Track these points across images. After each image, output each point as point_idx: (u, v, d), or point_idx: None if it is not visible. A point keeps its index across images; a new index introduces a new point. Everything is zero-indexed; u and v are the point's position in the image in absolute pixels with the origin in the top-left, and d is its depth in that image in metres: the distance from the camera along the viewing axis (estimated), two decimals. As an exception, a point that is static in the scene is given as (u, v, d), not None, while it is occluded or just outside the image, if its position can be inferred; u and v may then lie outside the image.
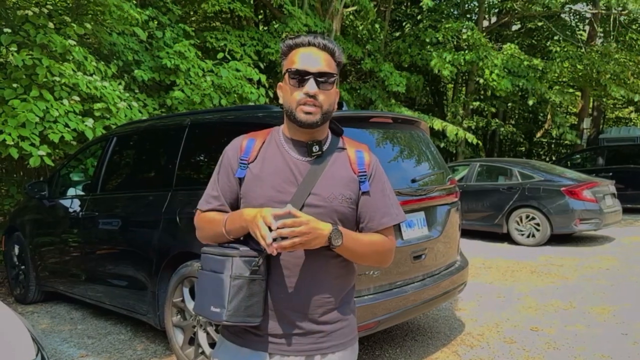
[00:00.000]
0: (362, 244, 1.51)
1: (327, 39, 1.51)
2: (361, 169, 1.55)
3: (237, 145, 1.60)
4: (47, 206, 5.06)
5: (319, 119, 1.47)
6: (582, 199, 8.17)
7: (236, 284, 1.40)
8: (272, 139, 1.58)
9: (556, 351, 3.91)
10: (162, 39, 7.95)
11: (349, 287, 1.60)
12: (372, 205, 1.55)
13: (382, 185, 1.59)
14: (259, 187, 1.50)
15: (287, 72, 1.48)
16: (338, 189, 1.50)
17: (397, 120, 3.88)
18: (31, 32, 5.55)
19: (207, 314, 1.44)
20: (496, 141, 21.52)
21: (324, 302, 1.50)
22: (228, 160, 1.59)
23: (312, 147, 1.51)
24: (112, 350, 3.97)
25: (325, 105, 1.47)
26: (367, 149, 1.62)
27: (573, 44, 15.68)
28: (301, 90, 1.45)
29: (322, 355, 1.51)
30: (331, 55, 1.51)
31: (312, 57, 1.47)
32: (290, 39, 1.52)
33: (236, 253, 1.43)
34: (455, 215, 4.05)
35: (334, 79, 1.49)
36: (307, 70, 1.45)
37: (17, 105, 5.08)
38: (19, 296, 5.34)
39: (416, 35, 14.43)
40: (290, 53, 1.51)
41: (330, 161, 1.53)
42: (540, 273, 6.49)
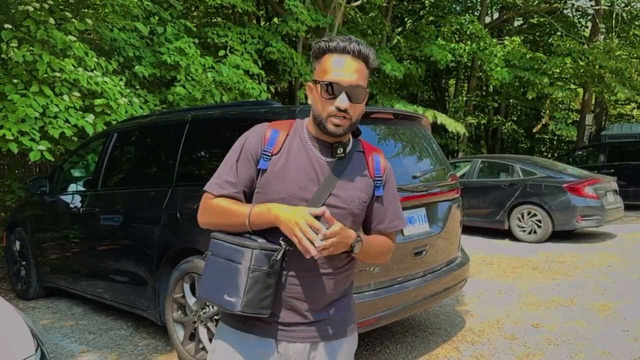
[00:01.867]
0: (373, 247, 1.57)
1: (362, 45, 1.46)
2: (377, 173, 1.59)
3: (260, 135, 1.56)
4: (48, 202, 5.06)
5: (346, 130, 1.49)
6: (583, 195, 8.16)
7: (254, 276, 1.41)
8: (296, 132, 1.57)
9: (557, 347, 3.90)
10: (164, 34, 7.93)
11: (349, 281, 1.66)
12: (384, 210, 1.61)
13: (394, 191, 1.65)
14: (282, 182, 1.49)
15: (319, 83, 1.46)
16: (356, 192, 1.54)
17: (399, 116, 3.86)
18: (32, 28, 5.53)
19: (219, 302, 1.45)
20: (498, 138, 21.48)
21: (330, 295, 1.55)
22: (250, 147, 1.54)
23: (337, 149, 1.52)
24: (113, 346, 3.97)
25: (355, 117, 1.48)
26: (383, 154, 1.65)
27: (575, 40, 15.62)
28: (332, 103, 1.44)
29: (325, 342, 1.56)
30: (365, 61, 1.47)
31: (345, 68, 1.44)
32: (323, 42, 1.48)
33: (256, 245, 1.43)
34: (457, 212, 4.04)
35: (366, 92, 1.48)
36: (340, 83, 1.43)
37: (16, 101, 5.08)
38: (20, 292, 5.34)
39: (417, 31, 14.40)
40: (323, 58, 1.48)
41: (350, 163, 1.56)
42: (542, 270, 6.48)
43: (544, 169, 8.75)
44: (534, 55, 14.10)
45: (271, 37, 10.54)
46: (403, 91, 15.78)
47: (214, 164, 3.77)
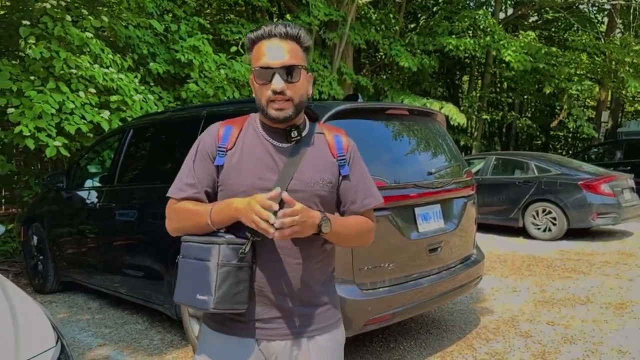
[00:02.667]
0: (348, 227, 1.53)
1: (289, 26, 1.45)
2: (340, 153, 1.55)
3: (214, 132, 1.56)
4: (65, 197, 5.12)
5: (291, 112, 1.45)
6: (599, 193, 8.06)
7: (223, 271, 1.38)
8: (249, 126, 1.56)
9: (573, 346, 3.87)
10: (178, 32, 7.97)
11: (329, 270, 1.61)
12: (354, 188, 1.56)
13: (361, 168, 1.60)
14: (240, 175, 1.48)
15: (253, 70, 1.46)
16: (319, 174, 1.50)
17: (414, 112, 3.85)
18: (49, 25, 5.60)
19: (192, 303, 1.43)
20: (512, 134, 21.30)
21: (307, 286, 1.51)
22: (205, 147, 1.54)
23: (291, 132, 1.50)
24: (129, 340, 4.01)
25: (297, 98, 1.45)
26: (345, 133, 1.62)
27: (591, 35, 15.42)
28: (268, 87, 1.43)
29: (308, 338, 1.52)
30: (296, 41, 1.46)
31: (274, 50, 1.43)
32: (251, 32, 1.48)
33: (223, 240, 1.41)
34: (472, 209, 4.02)
35: (300, 69, 1.45)
36: (270, 66, 1.41)
37: (33, 97, 5.14)
38: (37, 286, 5.42)
39: (430, 27, 14.30)
40: (254, 48, 1.47)
41: (309, 146, 1.53)
42: (557, 267, 6.42)
43: (559, 166, 8.66)
44: (549, 49, 13.91)
45: None
46: (415, 88, 15.69)
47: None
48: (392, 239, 3.24)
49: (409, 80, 15.67)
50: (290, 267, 1.49)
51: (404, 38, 13.86)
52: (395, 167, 3.48)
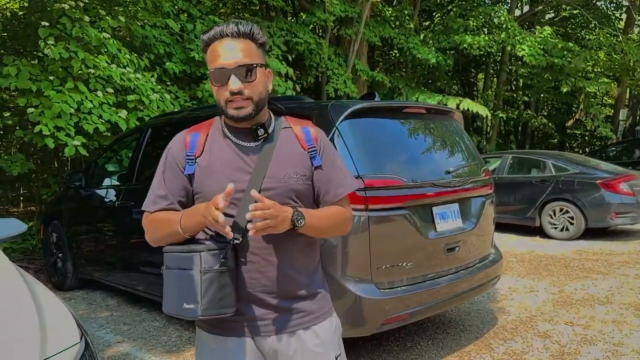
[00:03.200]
0: (323, 219, 1.53)
1: (240, 24, 1.44)
2: (310, 144, 1.55)
3: (180, 141, 1.56)
4: (84, 196, 5.18)
5: (251, 110, 1.45)
6: (618, 192, 7.95)
7: (207, 277, 1.38)
8: (215, 130, 1.56)
9: (592, 347, 3.83)
10: (193, 31, 8.02)
11: (314, 262, 1.62)
12: (326, 178, 1.56)
13: (332, 157, 1.59)
14: (212, 180, 1.48)
15: (209, 73, 1.45)
16: (292, 168, 1.50)
17: (430, 111, 3.83)
18: (67, 26, 5.66)
19: (180, 312, 1.43)
20: (528, 133, 21.09)
21: (294, 280, 1.52)
22: (173, 158, 1.55)
23: (257, 130, 1.50)
24: (147, 337, 4.05)
25: (255, 96, 1.45)
26: (312, 124, 1.61)
27: (609, 33, 15.21)
28: (226, 89, 1.42)
29: (304, 329, 1.53)
30: (250, 38, 1.45)
31: (228, 50, 1.42)
32: (204, 33, 1.47)
33: (203, 247, 1.41)
34: (490, 208, 3.99)
35: (255, 68, 1.44)
36: (225, 66, 1.41)
37: (52, 97, 5.21)
38: (56, 283, 5.49)
39: (445, 24, 14.21)
40: (208, 50, 1.46)
41: (278, 142, 1.53)
42: (575, 267, 6.35)
43: (577, 165, 8.55)
44: (566, 45, 13.73)
45: (298, 28, 10.56)
46: (430, 85, 15.61)
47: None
48: (410, 238, 3.22)
49: (424, 78, 15.58)
50: (273, 265, 1.49)
51: (418, 35, 13.79)
52: (412, 166, 3.46)
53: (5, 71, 5.23)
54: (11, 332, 1.67)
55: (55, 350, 1.64)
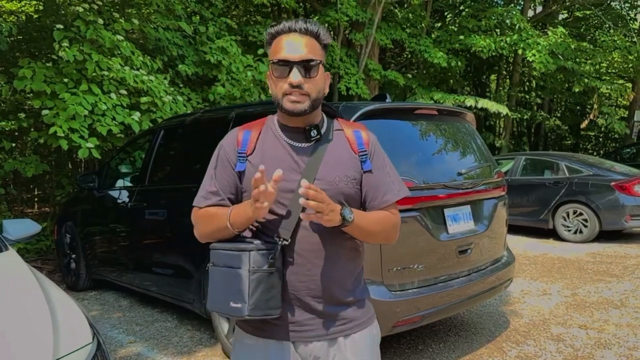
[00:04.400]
0: (371, 222, 1.50)
1: (309, 22, 1.45)
2: (361, 148, 1.54)
3: (233, 139, 1.56)
4: (97, 197, 5.22)
5: (307, 106, 1.44)
6: (633, 194, 7.86)
7: (255, 277, 1.38)
8: (267, 128, 1.55)
9: (607, 351, 3.78)
10: (205, 33, 8.07)
11: (359, 268, 1.61)
12: (375, 183, 1.54)
13: (382, 162, 1.58)
14: None
15: (271, 63, 1.45)
16: (342, 171, 1.49)
17: (443, 112, 3.81)
18: (82, 28, 5.73)
19: (226, 311, 1.42)
20: (541, 134, 20.92)
21: (339, 286, 1.51)
22: (225, 155, 1.55)
23: (311, 131, 1.49)
24: (159, 337, 4.07)
25: (313, 93, 1.44)
26: (365, 128, 1.60)
27: (624, 33, 15.03)
28: (285, 81, 1.42)
29: (344, 336, 1.52)
30: (315, 38, 1.45)
31: (294, 45, 1.42)
32: (271, 27, 1.48)
33: (252, 247, 1.41)
34: (502, 210, 3.96)
35: (318, 64, 1.44)
36: (289, 59, 1.41)
37: (67, 99, 5.27)
38: (70, 284, 5.54)
39: (458, 24, 14.15)
40: (273, 42, 1.47)
41: (330, 144, 1.52)
42: (588, 270, 6.28)
43: (591, 167, 8.46)
44: (579, 45, 13.57)
45: None
46: (443, 86, 15.54)
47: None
48: (421, 240, 3.21)
49: (436, 78, 15.52)
50: (320, 268, 1.48)
51: (430, 36, 13.75)
52: (424, 167, 3.45)
53: (21, 73, 5.30)
54: (25, 332, 1.69)
55: (68, 350, 1.65)
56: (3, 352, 1.55)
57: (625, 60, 14.55)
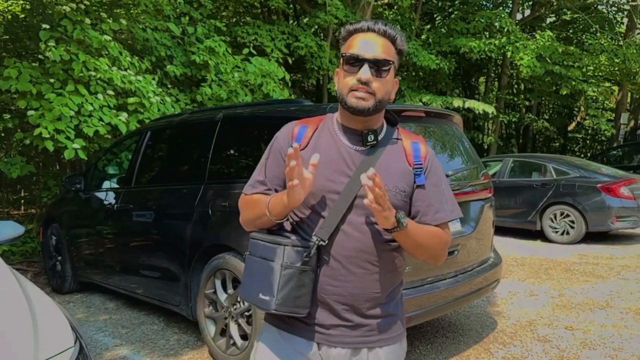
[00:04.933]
0: (423, 233, 1.45)
1: (388, 25, 1.43)
2: (417, 161, 1.49)
3: (288, 132, 1.54)
4: (83, 198, 5.18)
5: (371, 105, 1.40)
6: (619, 196, 7.94)
7: (287, 273, 1.37)
8: (325, 126, 1.53)
9: (592, 351, 3.81)
10: (194, 34, 8.03)
11: (397, 282, 1.56)
12: (427, 200, 1.49)
13: (438, 180, 1.53)
14: None
15: (342, 57, 1.43)
16: (392, 181, 1.45)
17: (430, 114, 3.82)
18: (68, 28, 5.67)
19: (254, 301, 1.43)
20: (529, 137, 21.08)
21: (372, 297, 1.47)
22: (279, 146, 1.54)
23: (368, 136, 1.45)
24: (146, 340, 4.04)
25: (380, 94, 1.41)
26: (424, 141, 1.55)
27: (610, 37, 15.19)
28: (354, 76, 1.40)
29: (369, 349, 1.48)
30: (392, 42, 1.44)
31: (369, 43, 1.41)
32: (350, 24, 1.47)
33: (288, 242, 1.40)
34: (489, 211, 3.98)
35: (390, 66, 1.42)
36: (362, 55, 1.39)
37: (53, 99, 5.21)
38: (56, 286, 5.48)
39: (447, 26, 14.22)
40: (349, 38, 1.46)
41: (385, 152, 1.48)
42: (575, 271, 6.33)
43: (578, 169, 8.54)
44: (567, 49, 13.70)
45: (300, 32, 10.56)
46: (432, 88, 15.61)
47: (244, 162, 3.80)
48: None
49: (426, 80, 15.58)
50: (355, 276, 1.44)
51: (420, 38, 13.81)
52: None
53: (7, 73, 5.24)
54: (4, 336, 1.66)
55: (48, 354, 1.63)
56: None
57: (611, 63, 14.70)
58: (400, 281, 1.58)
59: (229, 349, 3.45)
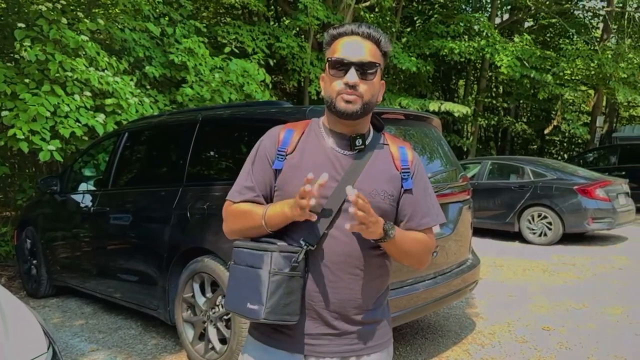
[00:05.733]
0: (410, 240, 1.46)
1: (372, 28, 1.44)
2: (404, 165, 1.50)
3: (274, 136, 1.53)
4: (59, 201, 5.09)
5: (359, 108, 1.41)
6: (595, 197, 8.09)
7: (275, 280, 1.34)
8: (311, 130, 1.52)
9: (568, 351, 3.86)
10: (173, 35, 7.96)
11: (384, 288, 1.56)
12: (413, 204, 1.50)
13: (425, 184, 1.54)
14: (297, 180, 1.41)
15: (328, 62, 1.43)
16: (380, 185, 1.45)
17: (409, 117, 3.85)
18: (45, 28, 5.57)
19: (242, 311, 1.39)
20: (508, 139, 21.37)
21: (360, 303, 1.46)
22: (264, 151, 1.52)
23: (356, 140, 1.45)
24: (123, 345, 3.98)
25: (367, 96, 1.42)
26: (410, 147, 1.57)
27: (586, 42, 15.49)
28: (341, 80, 1.40)
29: (357, 357, 1.47)
30: (376, 44, 1.44)
31: (354, 46, 1.41)
32: (334, 29, 1.47)
33: (275, 248, 1.37)
34: (467, 213, 4.01)
35: (376, 68, 1.42)
36: (348, 59, 1.39)
37: (28, 100, 5.12)
38: (31, 290, 5.37)
39: (427, 30, 14.35)
40: (334, 43, 1.45)
41: (372, 156, 1.48)
42: (552, 272, 6.43)
43: (555, 171, 8.68)
44: (544, 53, 13.94)
45: (281, 33, 10.55)
46: (412, 90, 15.73)
47: (224, 164, 3.77)
48: (388, 243, 3.22)
49: (406, 83, 15.71)
50: (344, 281, 1.43)
51: (400, 40, 13.91)
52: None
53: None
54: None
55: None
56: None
57: (587, 67, 15.00)
58: (387, 287, 1.57)
59: (208, 353, 3.42)
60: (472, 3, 17.31)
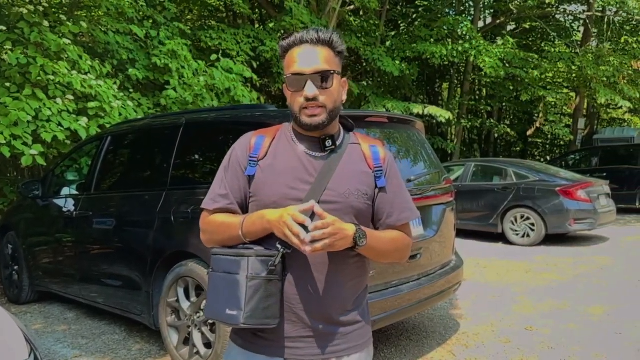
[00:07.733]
0: (384, 242, 1.48)
1: (321, 31, 1.43)
2: (377, 164, 1.51)
3: (245, 142, 1.54)
4: (41, 206, 5.03)
5: (324, 119, 1.42)
6: (576, 199, 8.20)
7: (253, 284, 1.35)
8: (282, 135, 1.53)
9: (551, 351, 3.91)
10: (157, 38, 7.92)
11: (362, 288, 1.56)
12: (390, 201, 1.51)
13: (398, 181, 1.55)
14: (271, 184, 1.44)
15: (285, 77, 1.44)
16: (354, 185, 1.46)
17: (393, 120, 3.88)
18: (26, 31, 5.52)
19: (222, 318, 1.39)
20: (491, 142, 21.57)
21: (338, 304, 1.47)
22: (236, 158, 1.52)
23: (326, 141, 1.46)
24: (107, 351, 3.94)
25: (330, 104, 1.42)
26: (381, 145, 1.58)
27: (567, 45, 15.72)
28: (301, 95, 1.40)
29: (337, 357, 1.47)
30: (329, 46, 1.43)
31: (306, 56, 1.40)
32: (283, 40, 1.46)
33: (252, 253, 1.38)
34: (451, 215, 4.05)
35: (332, 74, 1.42)
36: (303, 72, 1.39)
37: (9, 104, 5.05)
38: (12, 296, 5.30)
39: (411, 33, 14.45)
40: (287, 55, 1.46)
41: (344, 156, 1.49)
42: (535, 273, 6.50)
43: (537, 173, 8.80)
44: (526, 55, 14.13)
45: (266, 36, 10.56)
46: (396, 93, 15.82)
47: (208, 168, 3.76)
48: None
49: (390, 86, 15.79)
50: (322, 283, 1.43)
51: (384, 43, 13.98)
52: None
53: (-41, 77, 5.06)
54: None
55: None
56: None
57: (569, 70, 15.21)
58: (365, 287, 1.58)
59: (193, 358, 3.41)
60: (456, 6, 17.45)
